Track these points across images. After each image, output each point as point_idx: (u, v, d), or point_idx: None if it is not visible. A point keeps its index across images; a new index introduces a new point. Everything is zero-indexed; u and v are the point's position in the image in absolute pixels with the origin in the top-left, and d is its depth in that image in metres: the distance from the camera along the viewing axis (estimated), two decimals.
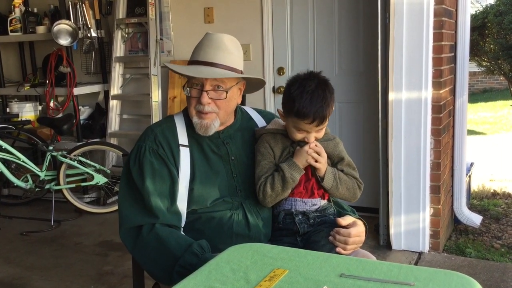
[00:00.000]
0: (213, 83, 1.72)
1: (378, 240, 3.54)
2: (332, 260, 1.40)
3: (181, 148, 1.77)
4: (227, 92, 1.74)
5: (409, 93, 3.25)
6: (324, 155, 1.75)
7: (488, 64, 4.05)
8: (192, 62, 1.77)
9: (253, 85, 1.92)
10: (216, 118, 1.75)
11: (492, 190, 4.86)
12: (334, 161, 1.81)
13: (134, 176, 1.74)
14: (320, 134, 1.75)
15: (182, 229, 1.75)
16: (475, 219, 3.84)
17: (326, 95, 1.69)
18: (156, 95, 4.44)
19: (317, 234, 1.75)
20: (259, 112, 2.00)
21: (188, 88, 1.76)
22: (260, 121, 1.94)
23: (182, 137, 1.79)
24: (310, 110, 1.65)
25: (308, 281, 1.27)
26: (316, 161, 1.73)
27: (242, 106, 1.94)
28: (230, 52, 1.77)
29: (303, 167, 1.73)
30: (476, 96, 11.61)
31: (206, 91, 1.71)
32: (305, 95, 1.66)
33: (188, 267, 1.56)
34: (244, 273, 1.33)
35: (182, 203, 1.74)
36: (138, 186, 1.72)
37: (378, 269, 1.33)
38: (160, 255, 1.65)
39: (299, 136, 1.73)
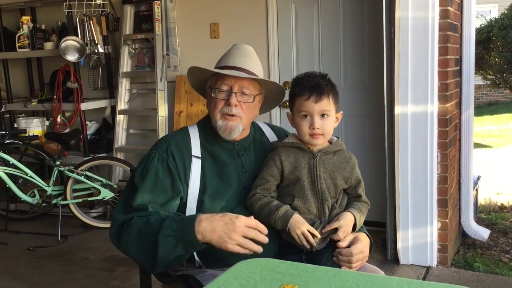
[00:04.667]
0: (241, 88, 1.78)
1: (386, 254, 3.52)
2: (341, 276, 1.39)
3: (193, 159, 1.79)
4: (254, 96, 1.80)
5: (415, 107, 3.26)
6: (344, 223, 1.74)
7: (494, 77, 4.06)
8: (221, 67, 1.82)
9: (267, 101, 1.95)
10: (240, 122, 1.79)
11: (499, 204, 4.83)
12: (352, 184, 1.81)
13: (136, 178, 1.75)
14: (327, 124, 1.74)
15: None
16: (483, 233, 3.81)
17: (325, 77, 1.79)
18: (162, 110, 4.47)
19: (321, 255, 1.75)
20: (272, 127, 2.03)
21: (214, 90, 1.79)
22: (272, 137, 1.97)
23: (195, 148, 1.81)
24: (307, 85, 1.75)
25: None
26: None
27: (254, 121, 1.97)
28: (256, 62, 1.86)
29: (292, 234, 1.71)
30: (481, 109, 11.59)
31: (235, 93, 1.76)
32: (304, 78, 1.79)
33: (172, 233, 1.55)
34: None
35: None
36: (136, 187, 1.72)
37: (387, 285, 1.32)
38: (143, 236, 1.61)
39: (305, 125, 1.74)
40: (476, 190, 4.31)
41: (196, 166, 1.78)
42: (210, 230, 1.53)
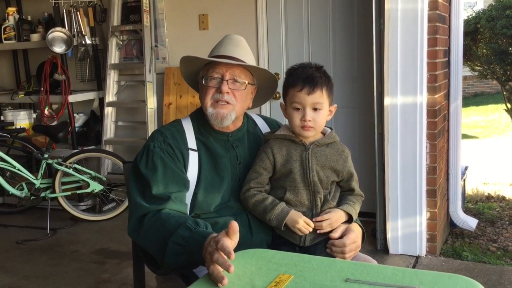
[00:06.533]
0: (232, 75, 1.76)
1: (376, 244, 3.55)
2: (336, 265, 1.40)
3: (190, 152, 1.78)
4: (246, 84, 1.79)
5: (405, 98, 3.28)
6: (335, 222, 1.75)
7: (481, 68, 4.10)
8: (212, 57, 1.81)
9: (260, 94, 1.94)
10: (233, 110, 1.77)
11: (486, 194, 4.89)
12: (344, 178, 1.81)
13: (142, 170, 1.71)
14: (319, 117, 1.73)
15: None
16: (471, 223, 3.86)
17: (320, 68, 1.77)
18: (151, 102, 4.45)
19: (314, 247, 1.76)
20: (264, 119, 2.02)
21: (206, 78, 1.78)
22: (265, 129, 1.97)
23: (191, 141, 1.80)
24: (301, 76, 1.73)
25: (314, 286, 1.28)
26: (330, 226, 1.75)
27: (247, 112, 1.96)
28: (248, 52, 1.85)
29: (290, 226, 1.72)
30: (467, 100, 11.69)
31: (226, 80, 1.75)
32: (299, 69, 1.77)
33: (181, 242, 1.50)
34: (250, 279, 1.33)
35: None
36: (147, 178, 1.69)
37: (382, 274, 1.33)
38: (158, 235, 1.57)
39: (297, 116, 1.73)
40: (464, 180, 4.36)
41: (193, 159, 1.77)
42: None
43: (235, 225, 1.33)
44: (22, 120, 4.75)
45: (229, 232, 1.34)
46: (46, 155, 4.23)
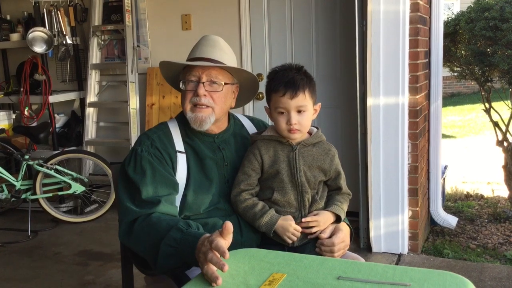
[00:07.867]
0: (209, 77, 1.76)
1: (359, 243, 3.60)
2: (328, 263, 1.43)
3: (178, 154, 1.78)
4: (223, 85, 1.78)
5: (387, 99, 3.32)
6: (323, 224, 1.79)
7: (460, 69, 4.17)
8: (190, 59, 1.81)
9: (244, 93, 1.94)
10: (212, 113, 1.77)
11: (465, 192, 4.98)
12: (332, 176, 1.83)
13: (131, 174, 1.71)
14: (304, 119, 1.74)
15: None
16: (451, 221, 3.93)
17: (300, 70, 1.77)
18: (134, 102, 4.43)
19: (303, 247, 1.78)
20: (251, 119, 2.03)
21: (184, 82, 1.79)
22: (251, 129, 1.97)
23: (178, 144, 1.80)
24: (282, 81, 1.73)
25: (307, 284, 1.30)
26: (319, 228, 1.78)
27: (234, 113, 1.96)
28: (225, 52, 1.84)
29: (279, 234, 1.75)
30: (444, 100, 11.75)
31: (203, 83, 1.75)
32: (280, 72, 1.77)
33: (173, 244, 1.51)
34: (243, 278, 1.35)
35: None
36: (136, 182, 1.69)
37: (373, 271, 1.36)
38: (150, 238, 1.58)
39: (282, 121, 1.73)
40: (444, 179, 4.44)
41: (181, 161, 1.78)
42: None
43: (229, 226, 1.34)
44: (1, 120, 4.69)
45: (223, 232, 1.35)
46: (26, 156, 4.18)
